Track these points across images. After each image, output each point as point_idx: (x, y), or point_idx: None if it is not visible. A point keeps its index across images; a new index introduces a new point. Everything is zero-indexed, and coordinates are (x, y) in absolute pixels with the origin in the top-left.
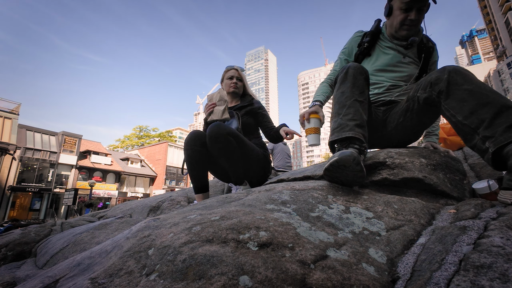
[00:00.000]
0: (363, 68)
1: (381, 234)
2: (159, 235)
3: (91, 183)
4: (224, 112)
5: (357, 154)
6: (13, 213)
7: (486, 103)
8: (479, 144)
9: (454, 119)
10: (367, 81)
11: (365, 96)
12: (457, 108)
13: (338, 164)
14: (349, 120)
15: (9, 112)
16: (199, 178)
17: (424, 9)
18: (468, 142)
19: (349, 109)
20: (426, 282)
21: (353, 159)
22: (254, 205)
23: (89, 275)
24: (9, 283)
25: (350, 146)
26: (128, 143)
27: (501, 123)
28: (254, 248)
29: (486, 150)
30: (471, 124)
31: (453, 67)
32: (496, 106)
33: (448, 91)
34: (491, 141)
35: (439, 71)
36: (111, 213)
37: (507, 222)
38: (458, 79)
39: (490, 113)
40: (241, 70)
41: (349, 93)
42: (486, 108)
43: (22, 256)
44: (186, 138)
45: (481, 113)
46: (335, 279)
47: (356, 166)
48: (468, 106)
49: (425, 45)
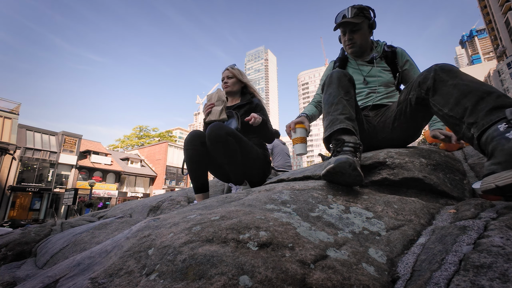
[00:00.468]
0: (346, 72)
1: (381, 234)
2: (159, 235)
3: (91, 183)
4: (221, 112)
5: (353, 159)
6: (13, 213)
7: (468, 92)
8: (466, 132)
9: (441, 113)
10: (351, 82)
11: (351, 96)
12: (443, 102)
13: (335, 171)
14: (339, 115)
15: (9, 112)
16: (199, 177)
17: (356, 30)
18: (457, 133)
19: (337, 105)
20: (426, 282)
21: (349, 165)
22: (254, 205)
23: (89, 275)
24: (9, 283)
25: (345, 146)
26: (128, 143)
27: (482, 108)
28: (254, 248)
29: (473, 137)
30: (456, 115)
31: (440, 65)
32: (477, 93)
33: (435, 88)
34: (475, 127)
35: (427, 70)
36: (111, 213)
37: (507, 222)
38: (444, 76)
39: (472, 101)
40: (232, 67)
41: (336, 93)
42: (468, 97)
43: (22, 256)
44: (186, 138)
45: (464, 102)
46: (335, 279)
47: (353, 171)
48: (452, 98)
49: (387, 53)
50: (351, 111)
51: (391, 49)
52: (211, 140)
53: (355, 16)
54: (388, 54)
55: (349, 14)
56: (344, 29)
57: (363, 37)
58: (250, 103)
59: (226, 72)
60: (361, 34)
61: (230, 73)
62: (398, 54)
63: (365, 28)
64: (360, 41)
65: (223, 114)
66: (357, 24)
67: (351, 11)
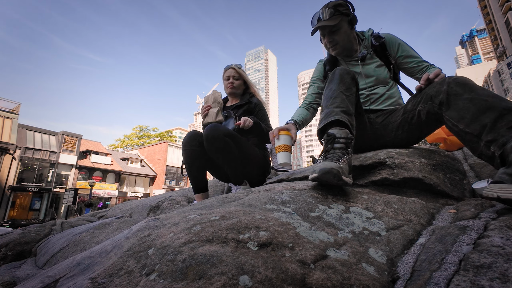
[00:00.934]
0: (350, 70)
1: (381, 234)
2: (159, 235)
3: (91, 183)
4: (218, 114)
5: (338, 168)
6: (13, 212)
7: (486, 108)
8: (485, 150)
9: (456, 129)
10: (354, 80)
11: (352, 92)
12: (458, 117)
13: (319, 180)
14: (335, 107)
15: (9, 112)
16: (198, 177)
17: (335, 30)
18: (475, 151)
19: (335, 99)
20: (426, 282)
21: (333, 176)
22: (254, 205)
23: (89, 275)
24: (9, 282)
25: (336, 142)
26: (128, 143)
27: (502, 125)
28: (254, 248)
29: (493, 156)
30: (473, 132)
31: (453, 78)
32: (497, 110)
33: (449, 102)
34: (495, 145)
35: (439, 83)
36: (111, 213)
37: (507, 222)
38: (458, 89)
39: (491, 118)
40: (239, 68)
41: (336, 88)
42: (487, 114)
43: (22, 256)
44: (184, 138)
45: (482, 119)
46: (335, 279)
47: (338, 181)
48: (469, 114)
49: (376, 47)
50: (349, 106)
51: (379, 42)
52: (208, 141)
53: (330, 17)
54: (377, 48)
55: (324, 16)
56: (323, 32)
57: (345, 36)
58: (249, 103)
59: (233, 72)
60: (341, 34)
61: (237, 74)
62: (387, 44)
63: (345, 26)
64: (342, 41)
65: (220, 115)
66: (334, 25)
67: (325, 12)
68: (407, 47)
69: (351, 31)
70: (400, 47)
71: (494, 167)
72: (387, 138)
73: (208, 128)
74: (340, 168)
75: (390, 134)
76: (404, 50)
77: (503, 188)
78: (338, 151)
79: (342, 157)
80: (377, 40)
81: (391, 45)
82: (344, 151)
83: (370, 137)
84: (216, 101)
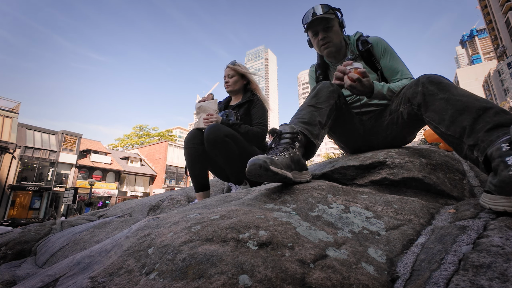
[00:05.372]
0: (331, 83)
1: (381, 233)
2: (159, 234)
3: (91, 182)
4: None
5: (266, 160)
6: (13, 211)
7: (463, 109)
8: (469, 154)
9: (438, 131)
10: (334, 93)
11: (328, 105)
12: (438, 119)
13: (250, 174)
14: (296, 118)
15: (9, 111)
16: (199, 176)
17: (329, 27)
18: (459, 152)
19: (301, 111)
20: (426, 282)
21: (259, 167)
22: (254, 205)
23: (89, 274)
24: (9, 281)
25: (282, 138)
26: (128, 142)
27: (480, 128)
28: (253, 247)
29: (478, 160)
30: (455, 134)
31: (426, 77)
32: (473, 111)
33: (426, 103)
34: (477, 150)
35: (415, 83)
36: (111, 212)
37: (507, 222)
38: (432, 89)
39: (469, 120)
40: (233, 64)
41: (307, 101)
42: (464, 115)
43: (22, 255)
44: (186, 136)
45: (461, 120)
46: (334, 278)
47: (266, 172)
48: (447, 115)
49: (362, 52)
50: (315, 117)
51: (365, 48)
52: (209, 141)
53: (326, 12)
54: (364, 54)
55: (320, 11)
56: (316, 29)
57: (337, 35)
58: (250, 102)
59: (227, 70)
60: (334, 32)
61: (231, 71)
62: (374, 49)
63: (337, 26)
64: (335, 39)
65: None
66: (331, 20)
67: (321, 8)
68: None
69: (341, 33)
70: (384, 55)
71: (480, 170)
72: (380, 139)
73: (208, 128)
74: (269, 159)
75: (381, 134)
76: (385, 58)
77: (492, 200)
78: (280, 147)
79: (283, 151)
80: (364, 45)
81: (377, 51)
82: (288, 146)
83: (365, 139)
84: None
